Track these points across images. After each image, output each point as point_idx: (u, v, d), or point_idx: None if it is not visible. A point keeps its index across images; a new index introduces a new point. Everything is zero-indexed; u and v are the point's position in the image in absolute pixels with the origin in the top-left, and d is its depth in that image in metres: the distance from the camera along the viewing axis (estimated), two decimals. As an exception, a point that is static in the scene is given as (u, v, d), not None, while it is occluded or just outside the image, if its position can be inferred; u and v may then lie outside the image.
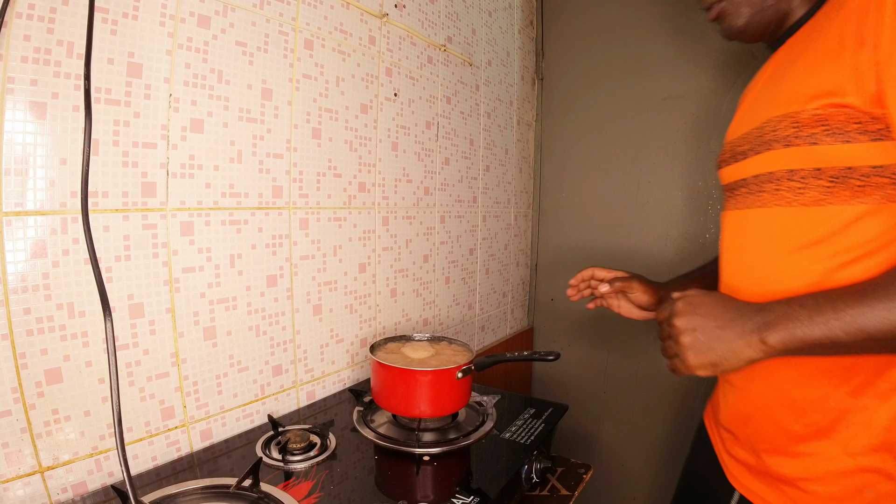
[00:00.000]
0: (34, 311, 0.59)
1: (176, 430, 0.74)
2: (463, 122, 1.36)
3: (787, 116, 0.58)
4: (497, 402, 0.95)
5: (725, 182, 0.74)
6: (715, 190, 1.47)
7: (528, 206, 1.78)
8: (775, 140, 0.59)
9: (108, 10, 0.63)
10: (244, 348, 0.83)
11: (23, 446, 0.59)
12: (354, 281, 1.04)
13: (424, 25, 1.18)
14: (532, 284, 1.83)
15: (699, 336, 0.57)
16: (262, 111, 0.83)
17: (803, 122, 0.56)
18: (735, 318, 0.56)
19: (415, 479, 0.71)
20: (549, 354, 0.83)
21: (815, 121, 0.55)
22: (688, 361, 0.57)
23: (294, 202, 0.90)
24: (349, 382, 1.05)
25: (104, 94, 0.63)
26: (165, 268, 0.72)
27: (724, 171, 0.74)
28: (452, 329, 1.39)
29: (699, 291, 0.61)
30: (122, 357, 0.67)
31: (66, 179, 0.61)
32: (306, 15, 0.89)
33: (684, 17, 1.47)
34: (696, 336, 0.57)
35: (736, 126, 0.72)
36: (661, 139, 1.54)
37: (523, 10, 1.66)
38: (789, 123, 0.58)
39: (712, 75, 1.45)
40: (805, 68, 0.58)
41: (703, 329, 0.57)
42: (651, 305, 0.88)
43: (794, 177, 0.58)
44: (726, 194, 0.73)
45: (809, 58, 0.58)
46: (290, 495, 0.63)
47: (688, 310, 0.59)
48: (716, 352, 0.56)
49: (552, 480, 0.84)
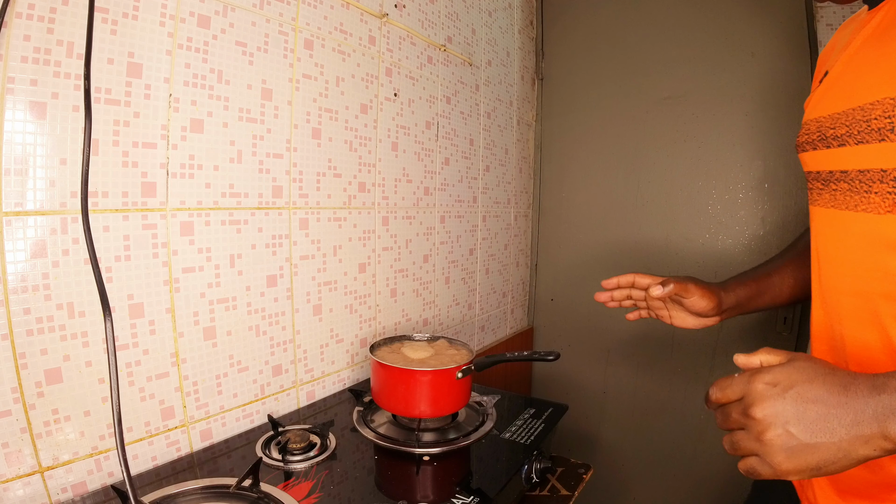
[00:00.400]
0: (34, 311, 0.59)
1: (176, 430, 0.74)
2: (463, 122, 1.36)
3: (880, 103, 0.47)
4: (497, 402, 0.95)
5: (814, 169, 0.60)
6: (715, 190, 1.47)
7: (528, 206, 1.78)
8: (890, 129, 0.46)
9: (107, 10, 0.63)
10: (244, 348, 0.83)
11: (23, 446, 0.59)
12: (354, 281, 1.04)
13: (424, 25, 1.18)
14: (532, 284, 1.83)
15: (794, 431, 0.40)
16: (262, 111, 0.83)
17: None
18: (844, 404, 0.39)
19: (415, 479, 0.71)
20: (549, 354, 0.82)
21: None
22: (778, 466, 0.41)
23: (294, 202, 0.90)
24: (349, 382, 1.05)
25: (104, 94, 0.63)
26: (165, 268, 0.72)
27: (809, 156, 0.61)
28: (452, 329, 1.39)
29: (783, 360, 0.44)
30: (122, 357, 0.67)
31: (66, 179, 0.61)
32: (306, 15, 0.89)
33: (684, 16, 1.47)
34: (788, 432, 0.40)
35: (823, 98, 0.58)
36: (661, 139, 1.54)
37: (523, 10, 1.66)
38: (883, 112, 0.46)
39: (712, 75, 1.45)
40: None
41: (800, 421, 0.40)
42: (710, 311, 0.75)
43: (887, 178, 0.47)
44: (817, 185, 0.60)
45: None
46: (290, 495, 0.63)
47: (773, 393, 0.41)
48: (819, 454, 0.40)
49: (552, 480, 0.84)
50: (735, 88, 1.41)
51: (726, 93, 1.43)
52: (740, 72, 1.40)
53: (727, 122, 1.44)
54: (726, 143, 1.44)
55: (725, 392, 0.45)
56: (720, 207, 1.47)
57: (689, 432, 1.53)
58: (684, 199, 1.52)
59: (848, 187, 0.54)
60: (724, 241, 1.47)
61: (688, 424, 1.54)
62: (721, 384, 0.46)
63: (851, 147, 0.52)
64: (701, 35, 1.45)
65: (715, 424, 0.48)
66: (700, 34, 1.45)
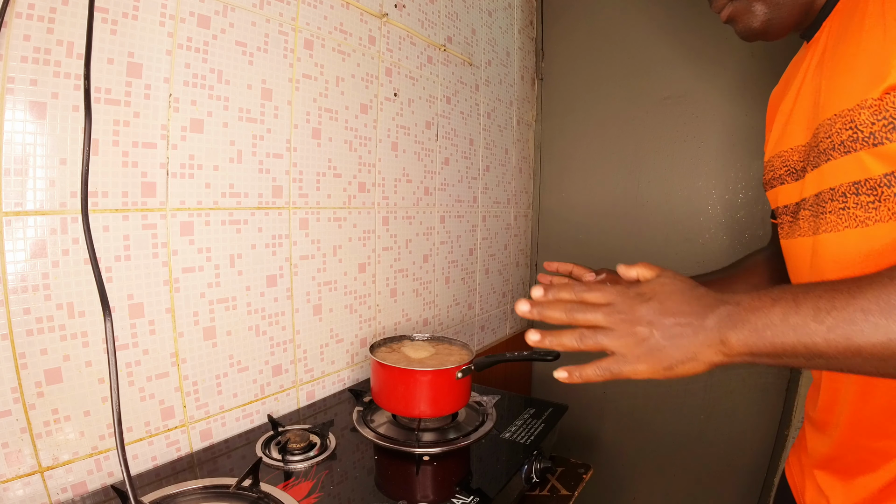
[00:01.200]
0: (34, 311, 0.59)
1: (176, 429, 0.74)
2: (463, 122, 1.36)
3: (840, 117, 0.48)
4: (497, 402, 0.95)
5: (781, 204, 0.63)
6: (715, 189, 1.47)
7: (527, 206, 1.78)
8: (831, 148, 0.49)
9: (107, 10, 0.63)
10: (244, 348, 0.83)
11: (22, 446, 0.59)
12: (354, 281, 1.04)
13: (424, 25, 1.18)
14: (532, 284, 1.83)
15: (654, 333, 0.45)
16: (261, 111, 0.83)
17: (860, 120, 0.45)
18: (695, 313, 0.44)
19: (414, 479, 0.71)
20: (549, 354, 0.82)
21: (874, 115, 0.44)
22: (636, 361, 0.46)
23: (294, 202, 0.90)
24: (349, 382, 1.05)
25: (104, 94, 0.63)
26: (165, 268, 0.72)
27: (777, 192, 0.63)
28: (452, 329, 1.39)
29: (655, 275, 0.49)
30: (122, 357, 0.67)
31: (66, 179, 0.61)
32: (306, 15, 0.89)
33: (684, 16, 1.47)
34: (650, 333, 0.45)
35: (783, 136, 0.61)
36: (661, 139, 1.54)
37: (523, 10, 1.66)
38: (843, 125, 0.47)
39: (712, 75, 1.45)
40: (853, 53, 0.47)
41: (659, 327, 0.45)
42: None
43: (862, 189, 0.47)
44: (784, 218, 0.62)
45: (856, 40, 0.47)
46: (289, 495, 0.63)
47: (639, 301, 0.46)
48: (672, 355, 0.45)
49: (552, 480, 0.84)
50: (735, 88, 1.41)
51: (726, 93, 1.43)
52: (740, 71, 1.40)
53: (727, 122, 1.44)
54: (726, 143, 1.44)
55: (597, 295, 0.48)
56: (720, 207, 1.47)
57: (689, 432, 1.54)
58: (684, 199, 1.52)
59: (809, 213, 0.55)
60: (723, 242, 1.47)
61: (687, 424, 1.54)
62: (595, 287, 0.49)
63: (810, 173, 0.54)
64: (701, 35, 1.45)
65: (715, 425, 0.48)
66: (700, 34, 1.45)
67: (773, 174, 0.64)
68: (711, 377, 1.49)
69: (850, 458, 0.57)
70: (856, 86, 0.46)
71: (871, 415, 0.53)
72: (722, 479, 1.49)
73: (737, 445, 1.46)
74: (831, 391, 0.59)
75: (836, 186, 0.50)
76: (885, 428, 0.52)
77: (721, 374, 1.47)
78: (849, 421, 0.56)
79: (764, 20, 0.57)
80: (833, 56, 0.51)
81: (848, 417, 0.56)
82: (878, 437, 0.53)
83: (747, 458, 1.46)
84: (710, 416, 1.49)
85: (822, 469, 0.61)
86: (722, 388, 1.48)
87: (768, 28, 0.58)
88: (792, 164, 0.59)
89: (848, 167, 0.48)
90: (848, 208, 0.49)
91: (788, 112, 0.60)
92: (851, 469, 0.56)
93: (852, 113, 0.46)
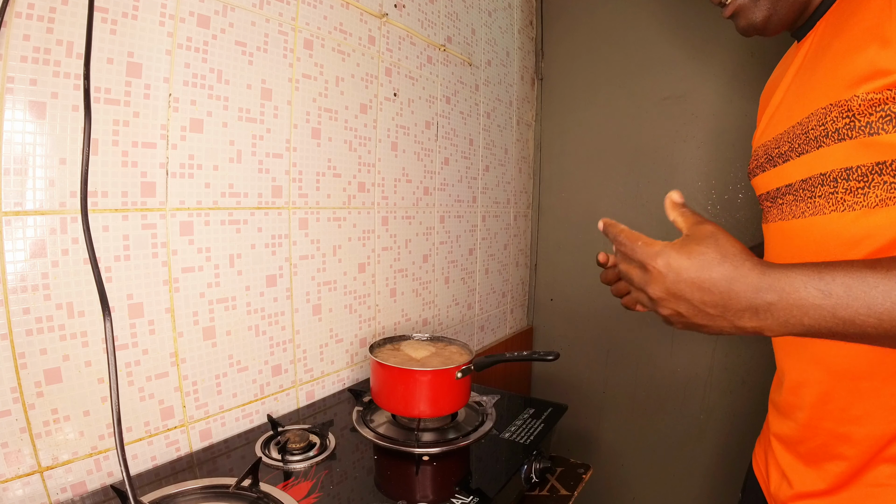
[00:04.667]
0: (33, 311, 0.59)
1: (175, 429, 0.74)
2: (462, 122, 1.36)
3: (836, 106, 0.50)
4: (496, 402, 0.95)
5: (764, 190, 0.66)
6: (714, 190, 1.47)
7: (527, 206, 1.78)
8: (825, 135, 0.52)
9: (107, 10, 0.63)
10: (244, 348, 0.83)
11: (22, 446, 0.59)
12: (354, 281, 1.04)
13: (424, 25, 1.18)
14: (532, 284, 1.83)
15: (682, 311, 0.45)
16: (261, 111, 0.83)
17: (857, 109, 0.48)
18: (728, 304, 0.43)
19: (414, 479, 0.71)
20: (549, 354, 0.82)
21: (870, 107, 0.47)
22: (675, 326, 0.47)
23: (293, 202, 0.90)
24: (348, 382, 1.05)
25: (104, 94, 0.63)
26: (165, 268, 0.72)
27: (759, 179, 0.66)
28: (452, 329, 1.39)
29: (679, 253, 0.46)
30: (122, 357, 0.67)
31: (66, 179, 0.61)
32: (306, 15, 0.89)
33: (684, 16, 1.47)
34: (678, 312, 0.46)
35: (767, 126, 0.65)
36: (661, 139, 1.54)
37: (523, 10, 1.66)
38: (840, 113, 0.49)
39: (712, 75, 1.45)
40: (847, 47, 0.50)
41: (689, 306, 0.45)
42: None
43: (853, 175, 0.50)
44: (766, 204, 0.65)
45: (850, 35, 0.50)
46: (289, 495, 0.63)
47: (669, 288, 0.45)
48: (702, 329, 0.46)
49: (551, 480, 0.84)
50: (735, 88, 1.41)
51: (726, 93, 1.43)
52: (740, 72, 1.40)
53: (727, 122, 1.44)
54: (726, 142, 1.44)
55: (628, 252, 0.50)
56: (720, 207, 1.47)
57: (689, 432, 1.53)
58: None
59: (793, 198, 0.58)
60: (723, 241, 1.47)
61: (687, 424, 1.54)
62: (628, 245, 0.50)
63: (794, 161, 0.57)
64: (701, 35, 1.45)
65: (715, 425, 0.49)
66: (700, 34, 1.45)
67: (756, 162, 0.67)
68: (711, 377, 1.49)
69: (814, 441, 0.58)
70: (852, 76, 0.48)
71: (837, 398, 0.55)
72: (722, 478, 1.49)
73: (737, 445, 1.46)
74: (797, 372, 0.60)
75: (826, 172, 0.52)
76: (850, 413, 0.54)
77: (721, 373, 1.47)
78: (814, 403, 0.58)
79: (766, 15, 0.60)
80: (827, 50, 0.53)
81: (813, 400, 0.58)
82: (843, 421, 0.54)
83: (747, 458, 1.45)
84: (710, 416, 1.49)
85: (785, 452, 0.63)
86: (722, 388, 1.48)
87: (768, 23, 0.61)
88: (770, 152, 0.63)
89: (840, 154, 0.50)
90: (837, 193, 0.52)
91: (776, 105, 0.64)
92: (815, 453, 0.58)
93: (850, 103, 0.48)
